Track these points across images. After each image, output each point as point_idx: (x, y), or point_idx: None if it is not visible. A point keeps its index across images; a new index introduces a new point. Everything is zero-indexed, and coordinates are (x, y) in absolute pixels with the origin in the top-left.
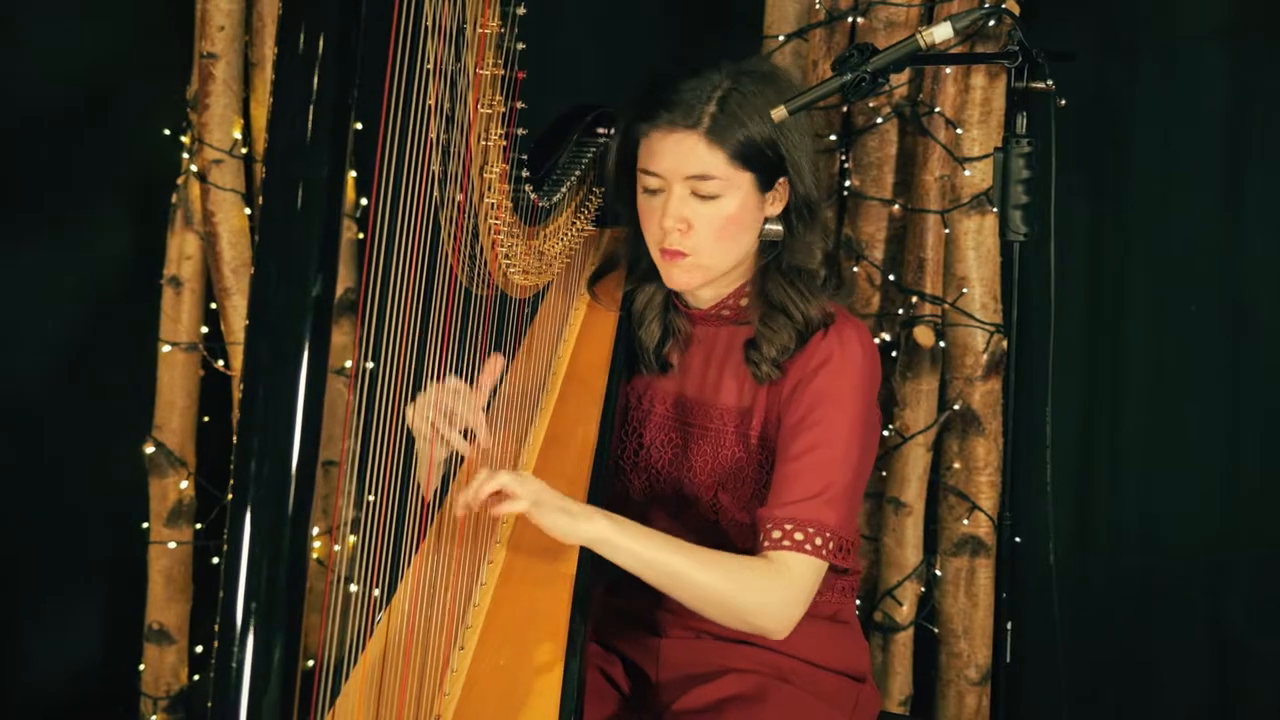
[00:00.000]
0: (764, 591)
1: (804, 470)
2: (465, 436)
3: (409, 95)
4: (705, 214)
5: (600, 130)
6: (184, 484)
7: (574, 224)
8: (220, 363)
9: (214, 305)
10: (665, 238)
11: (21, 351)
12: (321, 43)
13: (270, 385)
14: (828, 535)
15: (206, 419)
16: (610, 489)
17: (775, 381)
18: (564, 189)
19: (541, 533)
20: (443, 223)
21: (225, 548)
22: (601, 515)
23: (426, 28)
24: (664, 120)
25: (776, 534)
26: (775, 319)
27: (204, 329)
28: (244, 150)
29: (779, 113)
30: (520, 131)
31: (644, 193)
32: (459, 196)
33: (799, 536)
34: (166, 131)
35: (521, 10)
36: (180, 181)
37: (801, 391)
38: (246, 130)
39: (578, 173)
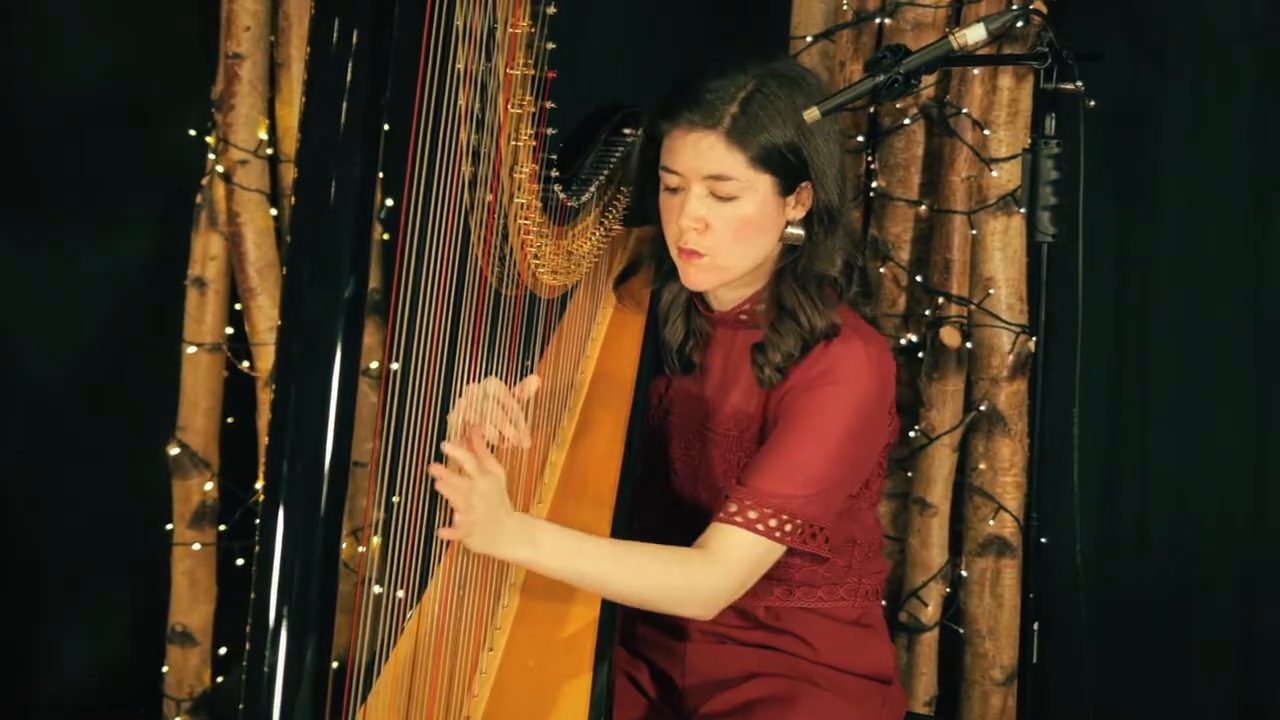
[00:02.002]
0: (690, 584)
1: (777, 457)
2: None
3: (439, 95)
4: (723, 214)
5: (627, 130)
6: (208, 485)
7: (602, 223)
8: (245, 364)
9: (238, 306)
10: (682, 236)
11: (46, 352)
12: (355, 41)
13: (302, 386)
14: (784, 517)
15: (230, 420)
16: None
17: (776, 386)
18: (592, 188)
19: None
20: (472, 224)
21: (257, 549)
22: (524, 542)
23: (457, 29)
24: (685, 119)
25: (732, 507)
26: (784, 324)
27: (228, 330)
28: (269, 151)
29: (811, 113)
30: (550, 131)
31: (665, 191)
32: (489, 197)
33: (752, 515)
34: (192, 132)
35: (552, 10)
36: (205, 182)
37: (794, 397)
38: (272, 131)
39: (606, 172)
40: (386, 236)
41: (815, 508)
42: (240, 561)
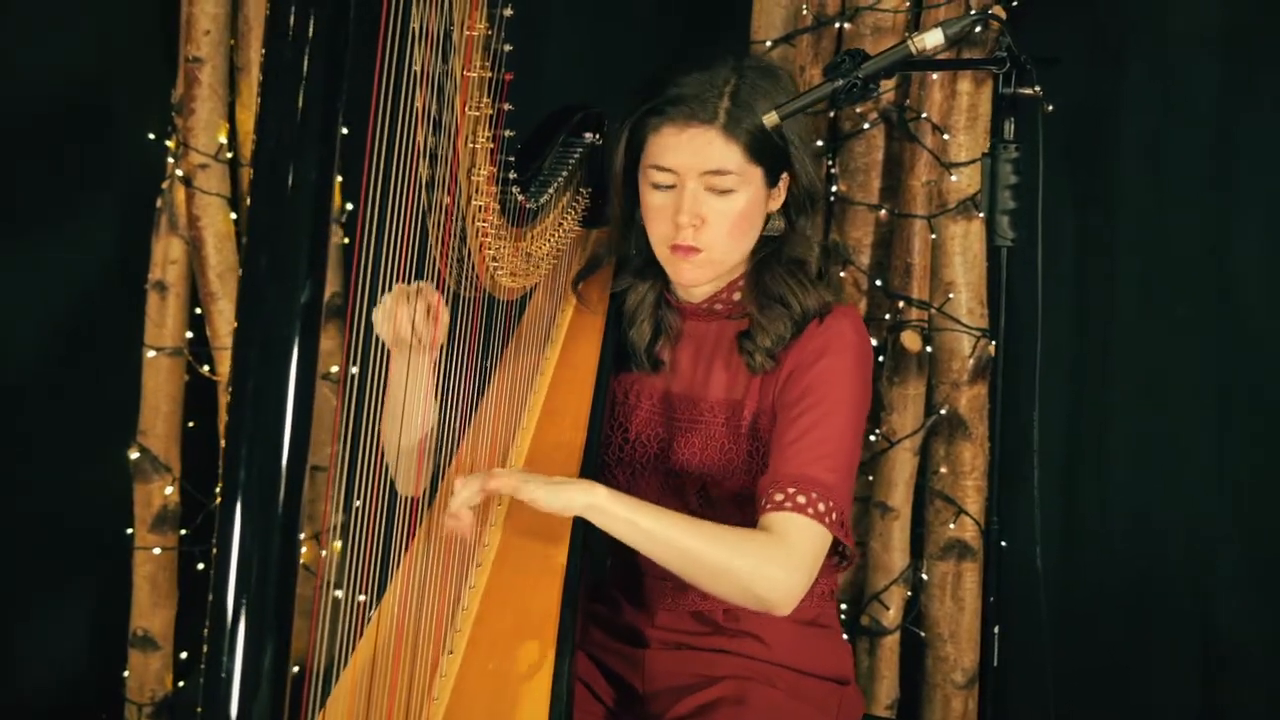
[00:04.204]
0: (764, 559)
1: (806, 445)
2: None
3: (397, 99)
4: (719, 209)
5: (586, 132)
6: (169, 489)
7: (560, 225)
8: (205, 368)
9: (199, 310)
10: (678, 234)
11: (6, 356)
12: (309, 45)
13: (259, 389)
14: (831, 504)
15: (191, 424)
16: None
17: (769, 371)
18: (551, 190)
19: (531, 536)
20: (430, 225)
21: (215, 553)
22: (599, 485)
23: (414, 31)
24: (677, 115)
25: (779, 496)
26: (773, 309)
27: (189, 334)
28: (229, 154)
29: (771, 118)
30: (508, 133)
31: (652, 189)
32: (446, 199)
33: (801, 500)
34: (151, 136)
35: (509, 12)
36: (165, 186)
37: (798, 377)
38: (232, 134)
39: (564, 174)
40: (346, 240)
41: (845, 497)
42: (201, 565)
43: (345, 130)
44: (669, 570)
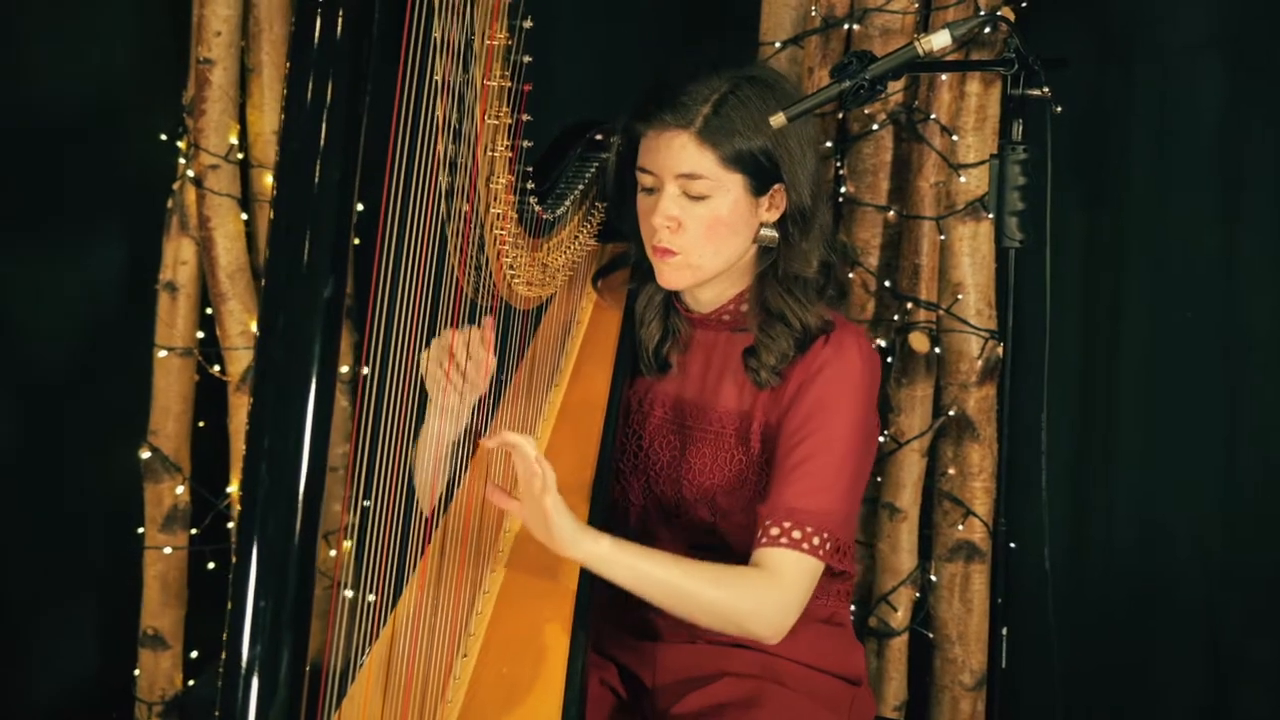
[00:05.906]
0: (757, 599)
1: (804, 475)
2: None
3: (418, 106)
4: (695, 213)
5: (602, 142)
6: (179, 489)
7: (577, 238)
8: (216, 368)
9: (209, 310)
10: (655, 235)
11: (17, 356)
12: (334, 49)
13: (281, 388)
14: (825, 536)
15: (202, 424)
16: (611, 493)
17: (775, 387)
18: (568, 202)
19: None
20: (450, 233)
21: (235, 550)
22: (605, 536)
23: (435, 40)
24: (659, 119)
25: (774, 531)
26: (774, 327)
27: (199, 334)
28: (240, 155)
29: (778, 119)
30: (526, 144)
31: (641, 191)
32: (465, 207)
33: (796, 535)
34: (163, 137)
35: (528, 24)
36: (176, 187)
37: (800, 399)
38: (243, 135)
39: (581, 187)
40: (358, 241)
41: (844, 524)
42: (211, 565)
43: (365, 134)
44: (669, 613)
